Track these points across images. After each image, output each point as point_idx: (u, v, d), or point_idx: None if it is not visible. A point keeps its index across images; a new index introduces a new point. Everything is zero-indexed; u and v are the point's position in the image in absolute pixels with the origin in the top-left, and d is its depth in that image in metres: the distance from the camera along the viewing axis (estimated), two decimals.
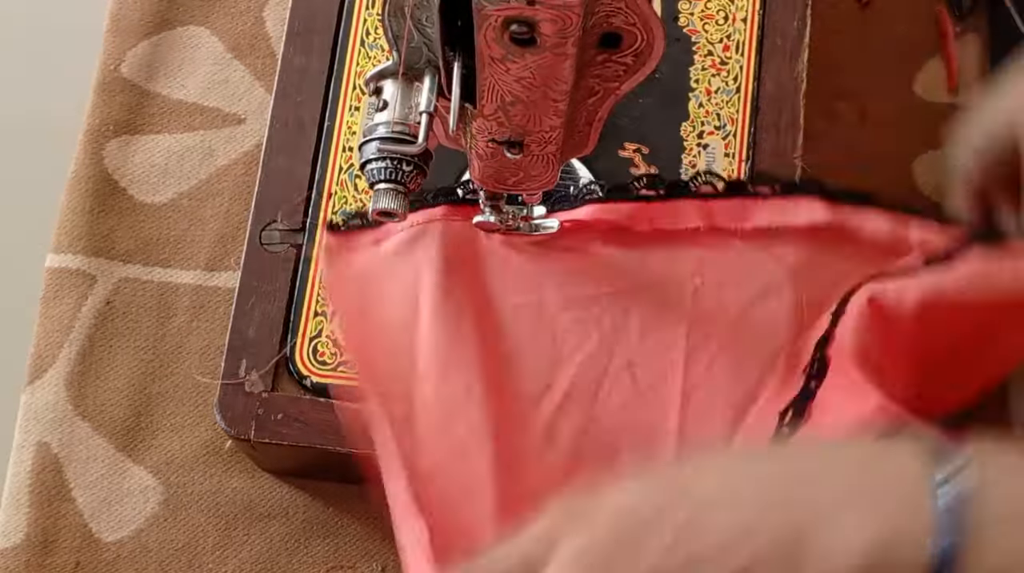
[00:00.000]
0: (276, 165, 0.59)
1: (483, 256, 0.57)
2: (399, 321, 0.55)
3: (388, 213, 0.43)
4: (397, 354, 0.54)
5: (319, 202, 0.59)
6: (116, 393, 0.61)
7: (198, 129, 0.66)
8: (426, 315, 0.54)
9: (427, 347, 0.54)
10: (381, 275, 0.56)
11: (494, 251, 0.57)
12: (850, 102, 0.68)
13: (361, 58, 0.61)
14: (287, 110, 0.60)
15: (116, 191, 0.65)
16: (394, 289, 0.55)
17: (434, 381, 0.54)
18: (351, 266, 0.56)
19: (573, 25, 0.35)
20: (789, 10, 0.62)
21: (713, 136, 0.60)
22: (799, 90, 0.61)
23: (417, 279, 0.55)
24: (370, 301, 0.55)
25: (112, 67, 0.67)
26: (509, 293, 0.56)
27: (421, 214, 0.56)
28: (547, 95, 0.40)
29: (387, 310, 0.55)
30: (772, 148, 0.60)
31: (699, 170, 0.58)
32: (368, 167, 0.42)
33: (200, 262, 0.64)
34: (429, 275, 0.55)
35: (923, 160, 0.67)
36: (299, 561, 0.59)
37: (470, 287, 0.55)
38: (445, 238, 0.56)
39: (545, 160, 0.46)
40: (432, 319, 0.54)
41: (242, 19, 0.68)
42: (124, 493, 0.60)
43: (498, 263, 0.57)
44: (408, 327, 0.55)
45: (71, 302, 0.62)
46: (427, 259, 0.55)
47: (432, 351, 0.54)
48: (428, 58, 0.41)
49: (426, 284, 0.55)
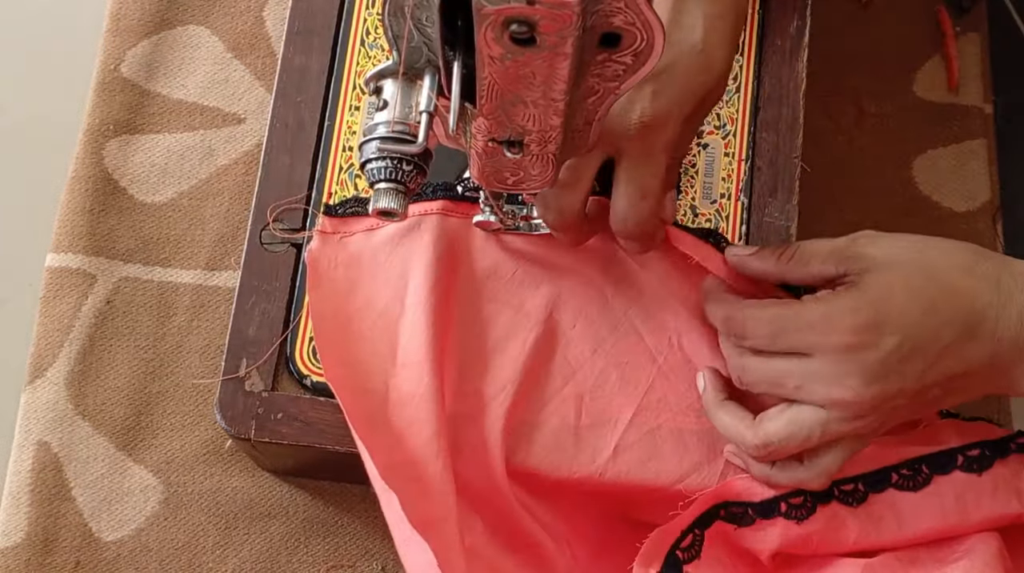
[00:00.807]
0: (276, 165, 0.59)
1: (473, 254, 0.57)
2: (384, 310, 0.55)
3: (388, 212, 0.43)
4: (377, 343, 0.55)
5: (319, 202, 0.59)
6: (116, 392, 0.61)
7: (198, 129, 0.66)
8: (410, 306, 0.55)
9: (405, 338, 0.54)
10: (372, 261, 0.56)
11: (485, 250, 0.57)
12: (850, 102, 0.68)
13: (361, 58, 0.61)
14: (287, 110, 0.60)
15: (116, 191, 0.65)
16: (383, 277, 0.56)
17: (400, 373, 0.54)
18: (344, 249, 0.56)
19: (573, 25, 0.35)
20: (789, 10, 0.62)
21: (713, 136, 0.60)
22: (799, 90, 0.61)
23: (406, 269, 0.55)
24: (357, 286, 0.56)
25: (112, 67, 0.67)
26: (490, 292, 0.56)
27: (419, 206, 0.56)
28: (547, 95, 0.40)
29: (373, 297, 0.55)
30: (772, 148, 0.60)
31: None
32: (368, 166, 0.42)
33: (200, 262, 0.64)
34: (419, 267, 0.55)
35: (923, 160, 0.67)
36: (299, 560, 0.59)
37: (454, 283, 0.56)
38: (439, 232, 0.56)
39: (545, 160, 0.46)
40: (414, 311, 0.54)
41: (242, 19, 0.68)
42: (124, 492, 0.60)
43: (488, 263, 0.57)
44: (392, 317, 0.55)
45: (71, 302, 0.62)
46: (419, 251, 0.55)
47: (408, 342, 0.54)
48: (428, 58, 0.41)
49: (414, 275, 0.55)
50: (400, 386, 0.53)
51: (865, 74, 0.68)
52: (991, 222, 0.66)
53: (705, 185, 0.59)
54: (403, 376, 0.54)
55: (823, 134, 0.67)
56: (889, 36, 0.69)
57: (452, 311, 0.55)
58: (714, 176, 0.59)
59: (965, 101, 0.68)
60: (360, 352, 0.55)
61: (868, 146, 0.67)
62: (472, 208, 0.56)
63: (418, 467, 0.51)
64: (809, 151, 0.60)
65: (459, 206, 0.56)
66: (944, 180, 0.67)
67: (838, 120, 0.67)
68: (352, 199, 0.57)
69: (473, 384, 0.55)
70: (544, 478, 0.54)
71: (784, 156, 0.60)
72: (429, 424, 0.51)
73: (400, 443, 0.52)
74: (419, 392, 0.52)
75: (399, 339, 0.54)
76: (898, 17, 0.70)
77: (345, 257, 0.56)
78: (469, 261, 0.56)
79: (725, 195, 0.59)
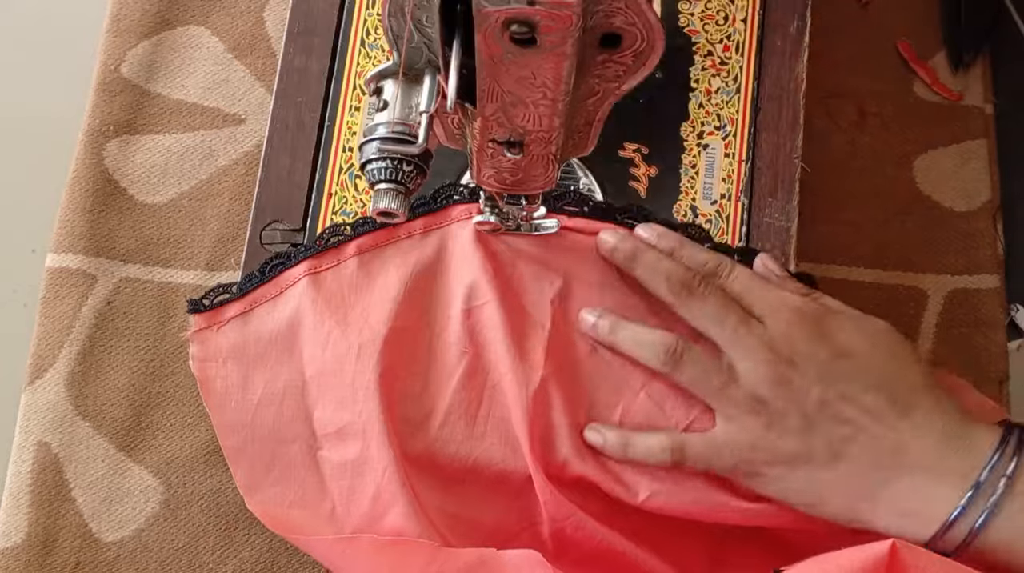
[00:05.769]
0: (276, 165, 0.59)
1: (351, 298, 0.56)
2: (284, 389, 0.55)
3: (389, 213, 0.43)
4: (291, 430, 0.55)
5: (319, 202, 0.59)
6: (116, 393, 0.61)
7: (198, 129, 0.66)
8: (311, 378, 0.54)
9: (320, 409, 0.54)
10: (256, 344, 0.56)
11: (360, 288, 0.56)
12: (850, 102, 0.68)
13: (361, 58, 0.61)
14: (287, 110, 0.60)
15: (116, 191, 0.65)
16: (273, 356, 0.55)
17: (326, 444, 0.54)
18: (225, 339, 0.56)
19: (573, 25, 0.35)
20: (789, 10, 0.62)
21: (713, 136, 0.60)
22: (799, 90, 0.61)
23: (291, 342, 0.55)
24: (250, 376, 0.55)
25: (112, 67, 0.67)
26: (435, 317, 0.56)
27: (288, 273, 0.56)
28: (547, 95, 0.40)
29: (271, 381, 0.55)
30: (772, 148, 0.60)
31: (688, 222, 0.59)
32: (368, 167, 0.42)
33: (200, 262, 0.64)
34: (308, 331, 0.55)
35: (923, 160, 0.67)
36: (299, 561, 0.59)
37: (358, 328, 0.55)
38: (312, 294, 0.55)
39: (545, 160, 0.46)
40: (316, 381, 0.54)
41: (242, 19, 0.68)
42: (124, 493, 0.60)
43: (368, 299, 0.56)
44: (295, 392, 0.55)
45: (71, 302, 0.62)
46: (305, 316, 0.55)
47: (323, 412, 0.54)
48: (428, 58, 0.41)
49: (307, 342, 0.55)
50: (330, 458, 0.54)
51: (865, 74, 0.68)
52: (991, 222, 0.66)
53: (705, 186, 0.59)
54: (330, 446, 0.54)
55: (823, 134, 0.67)
56: (889, 36, 0.69)
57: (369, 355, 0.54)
58: (714, 177, 0.59)
59: (965, 101, 0.68)
60: (280, 456, 0.54)
61: (868, 146, 0.67)
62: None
63: None
64: (809, 151, 0.60)
65: (323, 258, 0.56)
66: (944, 180, 0.67)
67: (838, 120, 0.67)
68: (215, 288, 0.57)
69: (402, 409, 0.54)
70: None
71: (784, 156, 0.60)
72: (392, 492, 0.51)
73: (373, 524, 0.52)
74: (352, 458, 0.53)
75: (312, 412, 0.54)
76: (898, 17, 0.70)
77: (228, 347, 0.56)
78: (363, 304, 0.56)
79: (725, 196, 0.59)
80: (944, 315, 0.64)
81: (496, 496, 0.54)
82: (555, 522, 0.52)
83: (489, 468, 0.54)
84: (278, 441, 0.54)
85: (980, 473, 0.48)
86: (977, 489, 0.47)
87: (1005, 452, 0.48)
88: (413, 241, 0.56)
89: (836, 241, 0.65)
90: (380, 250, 0.56)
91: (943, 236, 0.66)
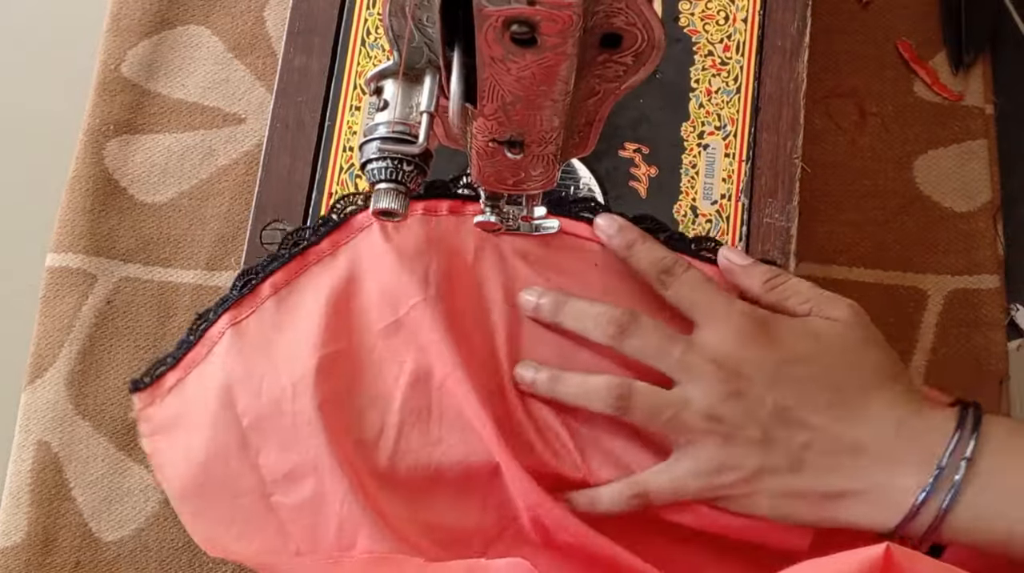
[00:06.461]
0: (276, 165, 0.59)
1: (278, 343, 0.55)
2: (225, 448, 0.54)
3: (389, 213, 0.43)
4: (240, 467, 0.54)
5: (319, 202, 0.59)
6: (116, 392, 0.61)
7: (198, 129, 0.66)
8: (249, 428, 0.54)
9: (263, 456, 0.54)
10: (196, 410, 0.55)
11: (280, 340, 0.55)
12: (850, 102, 0.68)
13: (361, 58, 0.61)
14: (287, 110, 0.60)
15: (116, 191, 0.65)
16: (209, 420, 0.54)
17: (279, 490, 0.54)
18: (170, 410, 0.56)
19: (573, 25, 0.35)
20: (789, 10, 0.62)
21: (713, 136, 0.60)
22: (799, 90, 0.61)
23: (229, 398, 0.54)
24: (193, 445, 0.55)
25: (112, 67, 0.67)
26: None
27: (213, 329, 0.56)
28: (547, 95, 0.40)
29: (213, 442, 0.54)
30: (772, 148, 0.60)
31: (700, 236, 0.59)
32: (369, 167, 0.42)
33: (200, 262, 0.64)
34: (240, 385, 0.54)
35: (923, 160, 0.67)
36: None
37: None
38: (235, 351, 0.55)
39: (545, 160, 0.46)
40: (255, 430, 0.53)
41: (242, 19, 0.68)
42: (124, 492, 0.60)
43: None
44: (232, 450, 0.54)
45: (71, 301, 0.62)
46: (234, 371, 0.54)
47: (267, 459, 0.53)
48: (429, 58, 0.41)
49: (241, 394, 0.54)
50: (284, 501, 0.53)
51: (865, 74, 0.68)
52: (991, 222, 0.66)
53: (705, 186, 0.59)
54: (283, 491, 0.53)
55: (823, 134, 0.67)
56: (889, 36, 0.69)
57: None
58: (714, 177, 0.60)
59: (965, 101, 0.68)
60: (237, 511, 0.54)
61: (868, 146, 0.67)
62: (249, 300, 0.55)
63: None
64: (809, 151, 0.60)
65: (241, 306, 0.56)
66: (944, 180, 0.67)
67: (838, 120, 0.67)
68: (157, 361, 0.57)
69: (357, 428, 0.54)
70: None
71: (784, 156, 0.60)
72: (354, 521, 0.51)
73: (344, 554, 0.51)
74: (308, 497, 0.52)
75: (257, 460, 0.54)
76: (898, 17, 0.70)
77: (171, 418, 0.56)
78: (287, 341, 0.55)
79: (725, 196, 0.59)
80: (944, 315, 0.64)
81: (468, 497, 0.54)
82: (530, 510, 0.52)
83: (453, 470, 0.53)
84: (232, 497, 0.54)
85: (941, 458, 0.48)
86: (940, 474, 0.48)
87: (963, 435, 0.49)
88: (324, 264, 0.56)
89: (836, 241, 0.65)
90: (295, 282, 0.55)
91: (943, 236, 0.66)
